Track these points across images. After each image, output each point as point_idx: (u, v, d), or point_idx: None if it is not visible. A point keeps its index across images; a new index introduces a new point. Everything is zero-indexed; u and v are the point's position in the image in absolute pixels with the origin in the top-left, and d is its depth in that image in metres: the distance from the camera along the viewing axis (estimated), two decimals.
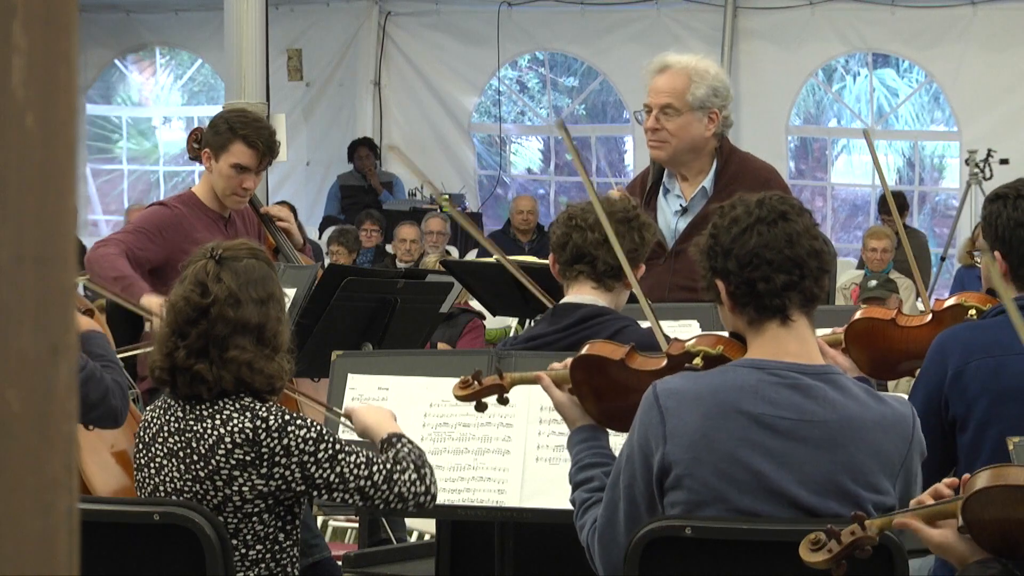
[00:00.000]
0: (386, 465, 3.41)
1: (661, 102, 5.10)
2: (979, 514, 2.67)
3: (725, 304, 3.01)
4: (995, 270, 3.71)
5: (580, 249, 4.02)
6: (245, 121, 5.55)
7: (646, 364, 3.20)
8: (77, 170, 1.19)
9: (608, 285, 4.05)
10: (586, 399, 3.25)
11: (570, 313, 4.02)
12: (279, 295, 3.53)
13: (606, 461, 3.18)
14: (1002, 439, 3.49)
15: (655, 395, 2.96)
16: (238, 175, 5.45)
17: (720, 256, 2.97)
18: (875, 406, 2.97)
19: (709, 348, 3.11)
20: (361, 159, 14.42)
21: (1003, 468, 2.72)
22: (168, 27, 15.49)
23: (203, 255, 3.49)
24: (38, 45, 1.15)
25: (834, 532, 2.71)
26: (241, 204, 5.55)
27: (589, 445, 3.21)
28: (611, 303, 4.07)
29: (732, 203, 3.04)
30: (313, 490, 3.39)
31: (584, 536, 3.11)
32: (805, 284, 2.95)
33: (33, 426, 1.15)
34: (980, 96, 12.60)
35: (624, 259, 3.56)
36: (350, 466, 3.38)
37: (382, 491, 3.40)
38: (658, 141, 5.12)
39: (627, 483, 3.00)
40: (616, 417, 3.24)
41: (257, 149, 5.45)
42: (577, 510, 3.16)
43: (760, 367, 2.96)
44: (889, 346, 3.79)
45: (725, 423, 2.92)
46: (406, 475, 3.42)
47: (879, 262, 11.04)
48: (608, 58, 13.92)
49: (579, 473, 3.19)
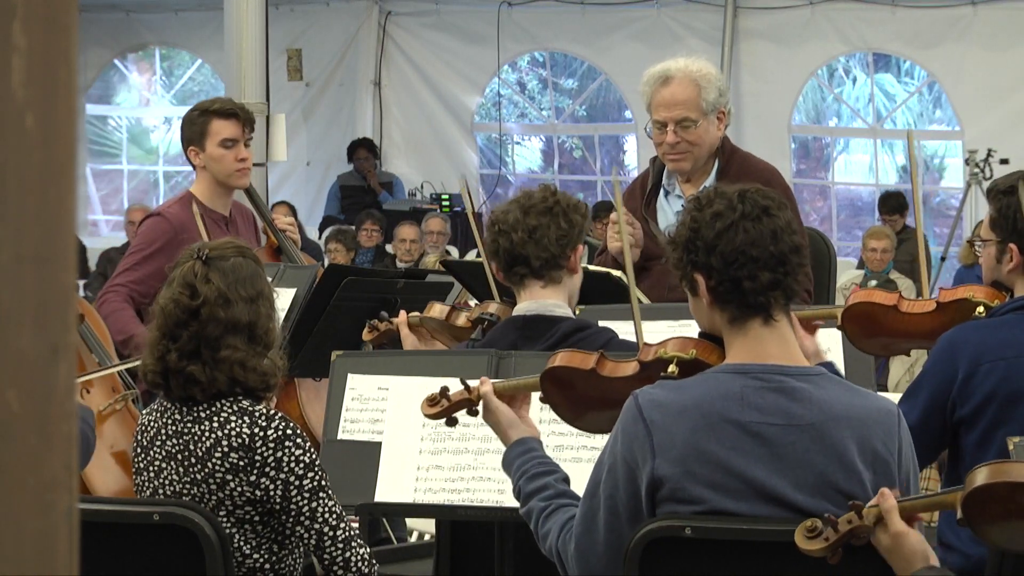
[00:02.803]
0: (351, 530, 3.41)
1: (677, 116, 5.00)
2: (980, 510, 2.68)
3: (703, 298, 2.97)
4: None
5: (510, 253, 3.96)
6: (211, 100, 5.60)
7: (617, 370, 3.18)
8: (77, 170, 1.19)
9: (553, 278, 3.97)
10: (559, 408, 3.25)
11: (547, 328, 3.95)
12: (268, 292, 3.51)
13: (553, 469, 3.18)
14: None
15: (638, 407, 2.92)
16: (230, 150, 5.43)
17: (702, 250, 2.94)
18: (859, 402, 2.95)
19: (682, 353, 3.07)
20: (360, 160, 14.42)
21: (1004, 464, 2.73)
22: (168, 27, 15.49)
23: (189, 256, 3.47)
24: (38, 45, 1.15)
25: (831, 520, 2.73)
26: (246, 179, 5.52)
27: (531, 456, 3.20)
28: (565, 297, 4.00)
29: (709, 195, 3.00)
30: (283, 514, 3.37)
31: (550, 543, 3.07)
32: (788, 281, 2.94)
33: (33, 426, 1.15)
34: (981, 96, 12.60)
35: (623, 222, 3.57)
36: (324, 508, 3.38)
37: (337, 548, 3.40)
38: (679, 154, 5.03)
39: (608, 493, 2.96)
40: (593, 424, 3.25)
41: (236, 117, 5.45)
42: (537, 518, 3.12)
43: (743, 372, 2.93)
44: (887, 328, 3.78)
45: (714, 434, 2.90)
46: (363, 551, 3.43)
47: (879, 262, 11.04)
48: (608, 58, 13.92)
49: (529, 483, 3.16)
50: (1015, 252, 3.76)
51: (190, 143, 5.48)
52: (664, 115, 5.03)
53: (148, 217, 5.68)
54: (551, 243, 3.93)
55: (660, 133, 5.05)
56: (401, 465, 3.82)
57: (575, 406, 3.24)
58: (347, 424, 3.95)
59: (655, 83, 5.07)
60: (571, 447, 3.69)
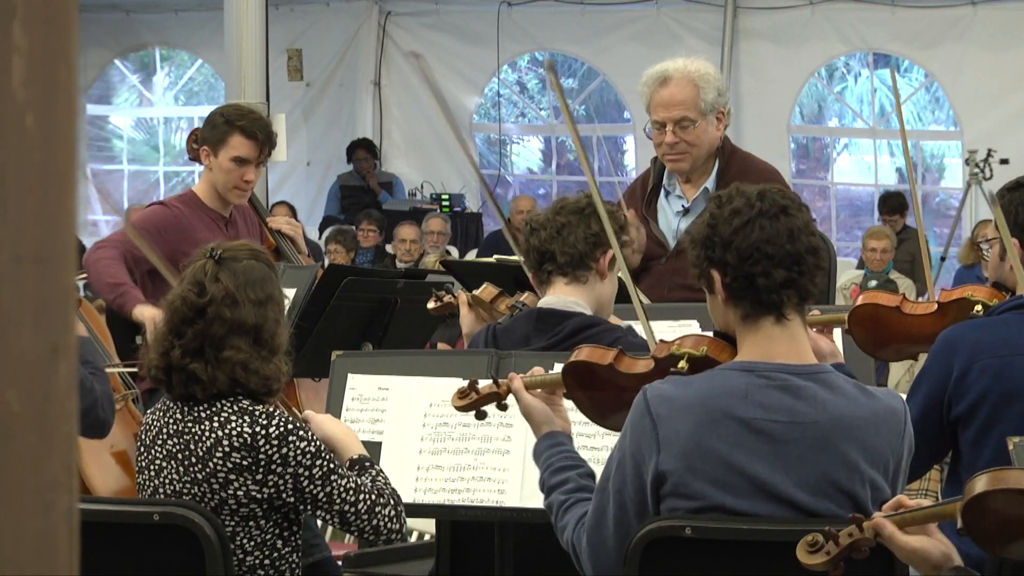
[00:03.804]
0: (371, 496, 3.42)
1: (676, 116, 5.00)
2: (980, 517, 2.67)
3: (719, 295, 2.99)
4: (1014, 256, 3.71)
5: (539, 250, 3.98)
6: (241, 113, 5.53)
7: (634, 367, 3.21)
8: (77, 170, 1.19)
9: (579, 277, 3.97)
10: (580, 403, 3.28)
11: (557, 321, 3.95)
12: (278, 297, 3.52)
13: (578, 464, 3.20)
14: (1006, 438, 3.48)
15: (646, 401, 2.94)
16: (239, 168, 5.42)
17: (719, 247, 2.95)
18: (866, 403, 2.96)
19: (693, 350, 3.09)
20: (359, 160, 14.42)
21: (1003, 472, 2.72)
22: (168, 27, 15.49)
23: (203, 255, 3.48)
24: (38, 45, 1.15)
25: (832, 534, 2.71)
26: (243, 198, 5.51)
27: (559, 449, 3.22)
28: (590, 300, 3.98)
29: (730, 193, 3.02)
30: (300, 504, 3.39)
31: (567, 536, 3.10)
32: (802, 281, 2.94)
33: (33, 426, 1.15)
34: (981, 96, 12.60)
35: (609, 225, 3.59)
36: (339, 489, 3.38)
37: (363, 520, 3.40)
38: (678, 154, 5.03)
39: (617, 487, 2.98)
40: (611, 418, 3.27)
41: (256, 139, 5.41)
42: (556, 511, 3.15)
43: (749, 369, 2.94)
44: (893, 331, 3.80)
45: (717, 430, 2.91)
46: (386, 510, 3.44)
47: (879, 262, 11.04)
48: (608, 58, 13.92)
49: (553, 476, 3.18)
50: (1017, 247, 3.78)
51: (205, 143, 5.46)
52: (663, 115, 5.04)
53: (150, 206, 5.69)
54: (578, 240, 3.94)
55: (659, 133, 5.06)
56: (401, 465, 3.82)
57: (595, 401, 3.27)
58: (347, 424, 3.95)
59: (654, 83, 5.07)
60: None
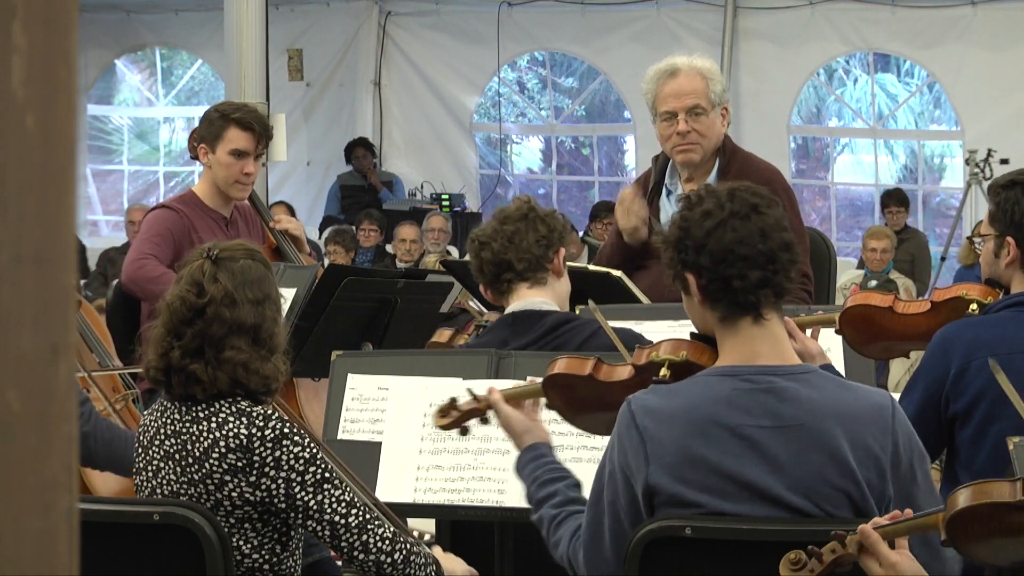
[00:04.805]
0: (367, 514, 3.38)
1: (688, 104, 5.01)
2: (963, 531, 2.69)
3: (695, 297, 2.98)
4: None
5: (493, 262, 4.02)
6: (236, 106, 5.56)
7: (612, 375, 3.21)
8: (77, 170, 1.19)
9: (539, 279, 4.04)
10: (563, 413, 3.30)
11: (535, 322, 3.99)
12: (275, 296, 3.51)
13: (564, 475, 3.19)
14: (1003, 436, 3.48)
15: (631, 413, 2.93)
16: (238, 161, 5.41)
17: (691, 250, 2.95)
18: (850, 399, 2.95)
19: (673, 356, 3.09)
20: (358, 159, 14.42)
21: (985, 484, 2.73)
22: (168, 27, 15.49)
23: (200, 255, 3.48)
24: (38, 45, 1.15)
25: (814, 551, 2.73)
26: (245, 192, 5.51)
27: (543, 462, 3.21)
28: (554, 298, 4.06)
29: (699, 194, 3.00)
30: (291, 511, 3.35)
31: (562, 551, 3.08)
32: (778, 279, 2.94)
33: (33, 426, 1.15)
34: (981, 96, 12.60)
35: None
36: (331, 499, 3.35)
37: (353, 534, 3.35)
38: (689, 144, 5.02)
39: (610, 500, 2.98)
40: (595, 426, 3.30)
41: (252, 131, 5.42)
42: (548, 526, 3.13)
43: (732, 374, 2.93)
44: (886, 331, 3.79)
45: (705, 439, 2.90)
46: (382, 531, 3.38)
47: (879, 262, 11.04)
48: (608, 58, 13.92)
49: (540, 489, 3.17)
50: (1012, 246, 3.77)
51: (202, 141, 5.46)
52: (674, 104, 5.03)
53: (152, 210, 5.67)
54: (532, 245, 4.01)
55: (669, 125, 5.05)
56: (401, 465, 3.82)
57: (577, 410, 3.28)
58: (347, 424, 3.95)
59: (662, 76, 5.08)
60: (571, 447, 3.69)
